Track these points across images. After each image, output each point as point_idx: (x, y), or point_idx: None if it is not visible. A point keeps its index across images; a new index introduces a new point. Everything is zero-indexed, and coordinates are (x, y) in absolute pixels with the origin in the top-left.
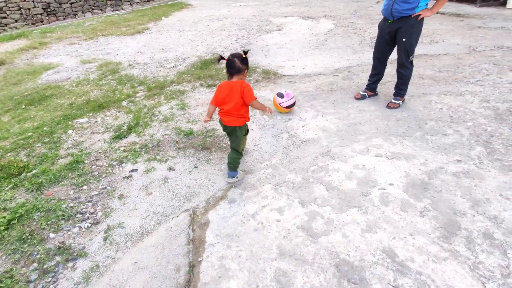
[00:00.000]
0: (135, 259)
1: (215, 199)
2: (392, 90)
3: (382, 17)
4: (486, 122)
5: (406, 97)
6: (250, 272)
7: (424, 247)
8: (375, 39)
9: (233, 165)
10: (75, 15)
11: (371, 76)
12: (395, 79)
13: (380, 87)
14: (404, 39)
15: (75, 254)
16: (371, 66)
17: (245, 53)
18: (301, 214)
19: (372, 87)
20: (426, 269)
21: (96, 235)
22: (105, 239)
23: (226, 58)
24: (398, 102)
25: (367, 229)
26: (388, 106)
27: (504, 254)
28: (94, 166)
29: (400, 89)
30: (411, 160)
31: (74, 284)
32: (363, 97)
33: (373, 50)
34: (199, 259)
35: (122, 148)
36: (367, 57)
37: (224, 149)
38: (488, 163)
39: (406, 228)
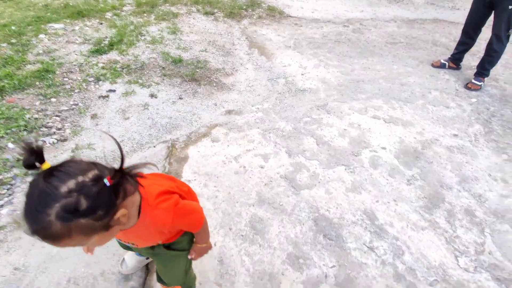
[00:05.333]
0: None
1: (197, 135)
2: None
3: None
4: (490, 101)
5: (415, 62)
6: (225, 214)
7: (405, 214)
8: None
9: None
10: None
11: (458, 43)
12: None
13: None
14: (510, 7)
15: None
16: (385, 22)
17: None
18: (287, 164)
19: (456, 57)
20: (403, 236)
21: (62, 153)
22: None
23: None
24: (480, 83)
25: (351, 189)
26: (466, 87)
27: (482, 232)
28: (67, 79)
29: (485, 69)
30: (408, 127)
31: None
32: (442, 66)
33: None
34: None
35: (100, 65)
36: (383, 11)
37: (214, 85)
38: (483, 142)
39: (391, 193)
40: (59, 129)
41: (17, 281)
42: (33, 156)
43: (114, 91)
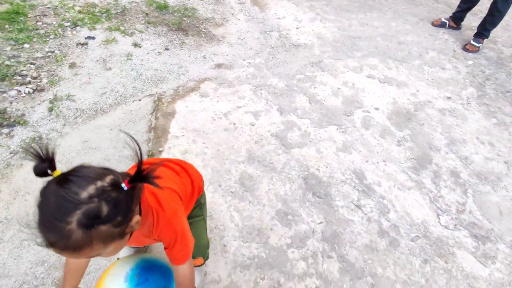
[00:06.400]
0: (86, 137)
1: (185, 89)
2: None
3: None
4: (487, 64)
5: (415, 19)
6: (214, 170)
7: (393, 175)
8: None
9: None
10: None
11: (462, 1)
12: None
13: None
14: None
15: (12, 120)
16: None
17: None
18: (278, 122)
19: (458, 16)
20: (389, 195)
21: (39, 104)
22: (50, 109)
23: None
24: (478, 45)
25: (342, 148)
26: (465, 48)
27: (465, 193)
28: (40, 23)
29: (486, 29)
30: (403, 88)
31: (10, 153)
32: (442, 25)
33: None
34: (160, 149)
35: (77, 8)
36: None
37: (203, 36)
38: (475, 105)
39: (381, 154)
40: (35, 78)
41: None
42: (46, 163)
43: (93, 38)
